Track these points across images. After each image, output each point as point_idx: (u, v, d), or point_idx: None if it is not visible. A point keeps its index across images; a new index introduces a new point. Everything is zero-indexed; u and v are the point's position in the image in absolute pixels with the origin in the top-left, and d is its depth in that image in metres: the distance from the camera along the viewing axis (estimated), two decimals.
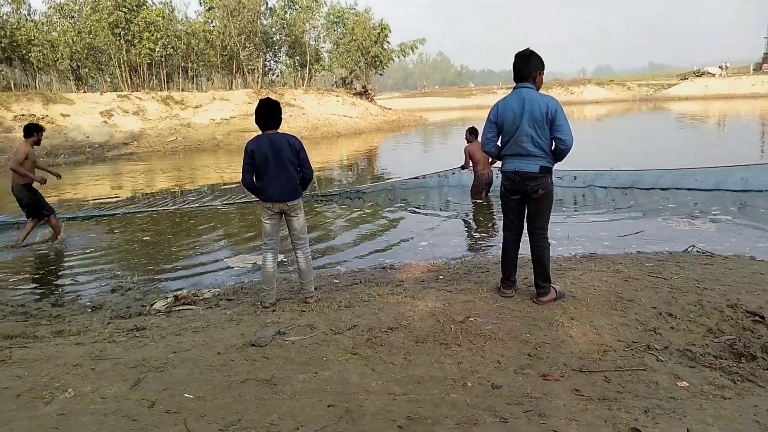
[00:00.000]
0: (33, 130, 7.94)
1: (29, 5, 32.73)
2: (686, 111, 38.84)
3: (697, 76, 60.39)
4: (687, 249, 6.05)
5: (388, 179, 13.17)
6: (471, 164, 10.00)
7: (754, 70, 59.97)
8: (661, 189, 9.84)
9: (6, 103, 25.22)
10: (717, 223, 7.56)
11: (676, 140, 20.70)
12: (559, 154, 4.08)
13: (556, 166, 4.27)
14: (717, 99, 49.60)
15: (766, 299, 4.09)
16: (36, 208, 8.00)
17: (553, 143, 4.06)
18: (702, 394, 2.97)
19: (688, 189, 9.69)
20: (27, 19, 31.78)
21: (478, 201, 9.86)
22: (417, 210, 9.67)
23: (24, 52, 30.57)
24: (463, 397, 2.92)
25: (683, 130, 26.03)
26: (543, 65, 4.15)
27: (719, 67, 60.38)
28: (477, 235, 7.95)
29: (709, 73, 59.63)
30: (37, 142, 8.02)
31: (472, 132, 9.80)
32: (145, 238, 8.38)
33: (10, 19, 31.04)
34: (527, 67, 4.08)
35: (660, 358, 3.37)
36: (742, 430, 2.49)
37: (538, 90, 4.12)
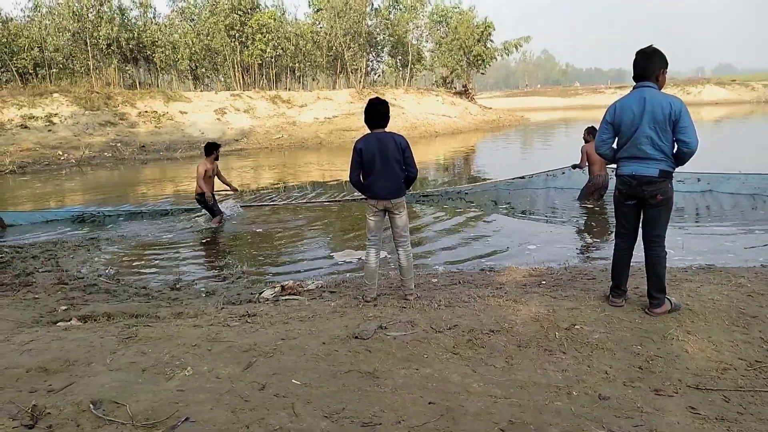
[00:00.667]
0: (212, 149, 9.08)
1: (154, 9, 35.46)
2: None
3: None
4: None
5: (488, 179, 12.96)
6: (587, 165, 9.61)
7: None
8: None
9: (131, 100, 27.47)
10: None
11: None
12: (682, 158, 3.83)
13: (677, 169, 4.01)
14: None
15: None
16: (210, 211, 9.19)
17: (676, 146, 3.82)
18: None
19: None
20: (152, 22, 34.45)
21: (587, 205, 9.49)
22: (520, 212, 9.44)
23: (148, 52, 33.16)
24: (568, 405, 2.84)
25: None
26: (666, 63, 3.91)
27: None
28: (583, 240, 7.64)
29: None
30: (217, 158, 9.15)
31: (590, 132, 9.34)
32: (257, 230, 8.82)
33: (138, 22, 33.79)
34: (650, 65, 3.87)
35: None
36: None
37: (660, 89, 3.90)
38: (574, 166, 10.05)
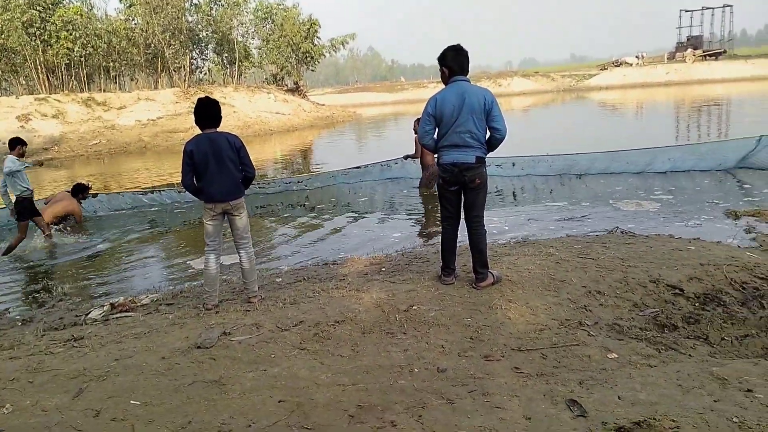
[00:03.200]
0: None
1: None
2: (606, 99, 40.73)
3: (615, 66, 63.43)
4: (611, 230, 6.40)
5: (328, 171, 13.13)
6: (420, 155, 9.99)
7: (667, 59, 63.49)
8: (594, 174, 10.35)
9: None
10: (660, 203, 8.05)
11: (599, 129, 21.70)
12: (494, 143, 4.23)
13: (495, 154, 4.44)
14: (635, 87, 52.24)
15: (684, 273, 4.40)
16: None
17: (488, 133, 4.21)
18: (630, 363, 3.17)
19: (619, 173, 10.18)
20: None
21: (426, 192, 9.88)
22: (358, 204, 9.70)
23: None
24: (410, 382, 3.01)
25: (605, 118, 27.32)
26: None
27: (636, 56, 63.68)
28: (417, 226, 8.10)
29: (626, 62, 62.84)
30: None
31: None
32: (84, 248, 8.04)
33: None
34: (467, 62, 4.22)
35: (591, 333, 3.58)
36: (667, 394, 2.69)
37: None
38: (407, 157, 10.54)
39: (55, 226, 8.75)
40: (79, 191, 9.33)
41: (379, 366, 3.21)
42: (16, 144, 7.53)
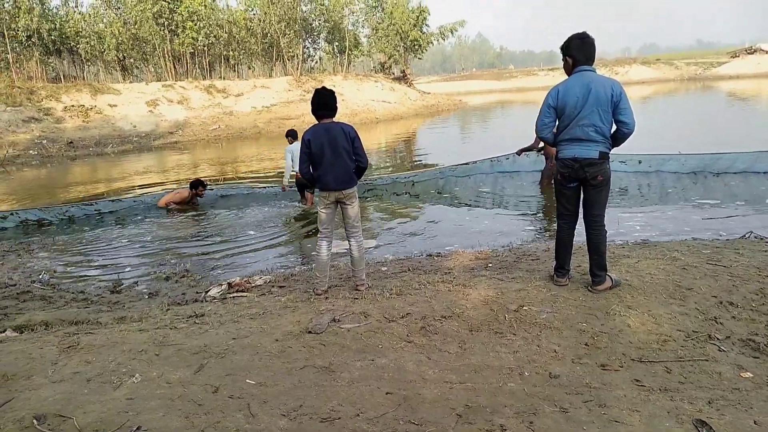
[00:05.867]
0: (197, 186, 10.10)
1: None
2: (736, 89, 37.38)
3: (748, 53, 58.17)
4: (744, 235, 5.85)
5: (434, 165, 13.02)
6: (540, 145, 9.48)
7: None
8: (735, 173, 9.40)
9: (56, 94, 26.08)
10: None
11: (729, 121, 19.95)
12: (620, 138, 3.95)
13: (620, 150, 4.15)
14: None
15: None
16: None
17: (614, 127, 3.95)
18: None
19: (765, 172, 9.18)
20: (75, 12, 32.74)
21: (547, 184, 9.38)
22: (466, 198, 9.54)
23: (72, 44, 31.52)
24: (520, 386, 2.91)
25: (735, 110, 25.06)
26: None
27: None
28: (525, 221, 7.83)
29: (761, 50, 57.47)
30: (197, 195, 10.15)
31: None
32: (202, 227, 8.60)
33: (59, 12, 32.05)
34: (594, 51, 3.98)
35: (722, 348, 3.28)
36: None
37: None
38: (520, 152, 10.15)
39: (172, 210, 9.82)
40: (195, 186, 10.10)
41: (487, 366, 3.13)
42: (295, 133, 9.05)
